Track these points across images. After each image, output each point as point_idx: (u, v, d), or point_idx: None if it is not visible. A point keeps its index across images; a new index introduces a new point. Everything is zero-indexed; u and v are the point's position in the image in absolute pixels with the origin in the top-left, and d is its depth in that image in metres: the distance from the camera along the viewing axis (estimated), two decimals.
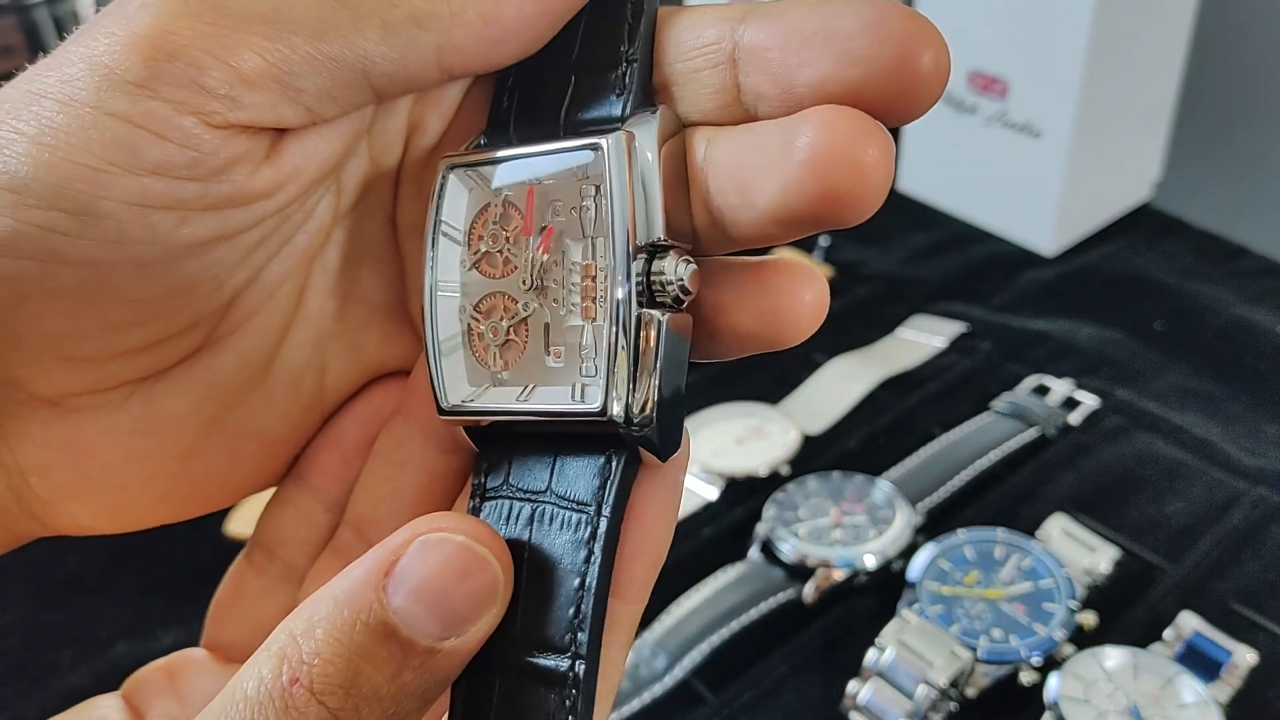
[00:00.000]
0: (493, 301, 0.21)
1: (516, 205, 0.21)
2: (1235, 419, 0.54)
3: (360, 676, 0.18)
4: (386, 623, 0.18)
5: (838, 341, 0.60)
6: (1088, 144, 0.64)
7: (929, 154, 0.72)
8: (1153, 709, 0.38)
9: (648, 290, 0.19)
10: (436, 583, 0.18)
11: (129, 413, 0.22)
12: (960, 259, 0.68)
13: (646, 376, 0.19)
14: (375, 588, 0.18)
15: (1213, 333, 0.60)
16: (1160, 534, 0.48)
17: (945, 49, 0.19)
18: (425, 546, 0.19)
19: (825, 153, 0.18)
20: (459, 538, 0.19)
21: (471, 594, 0.19)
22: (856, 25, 0.18)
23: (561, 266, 0.20)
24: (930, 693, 0.39)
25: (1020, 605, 0.42)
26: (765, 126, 0.19)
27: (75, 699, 0.26)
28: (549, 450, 0.21)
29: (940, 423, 0.54)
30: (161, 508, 0.24)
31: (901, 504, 0.47)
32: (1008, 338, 0.60)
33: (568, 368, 0.20)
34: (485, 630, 0.19)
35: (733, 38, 0.20)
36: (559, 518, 0.20)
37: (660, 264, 0.19)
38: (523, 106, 0.21)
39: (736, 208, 0.20)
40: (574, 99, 0.21)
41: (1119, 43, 0.62)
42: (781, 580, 0.45)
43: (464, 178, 0.21)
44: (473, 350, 0.21)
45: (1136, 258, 0.67)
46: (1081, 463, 0.52)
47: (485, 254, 0.21)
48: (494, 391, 0.21)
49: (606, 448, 0.20)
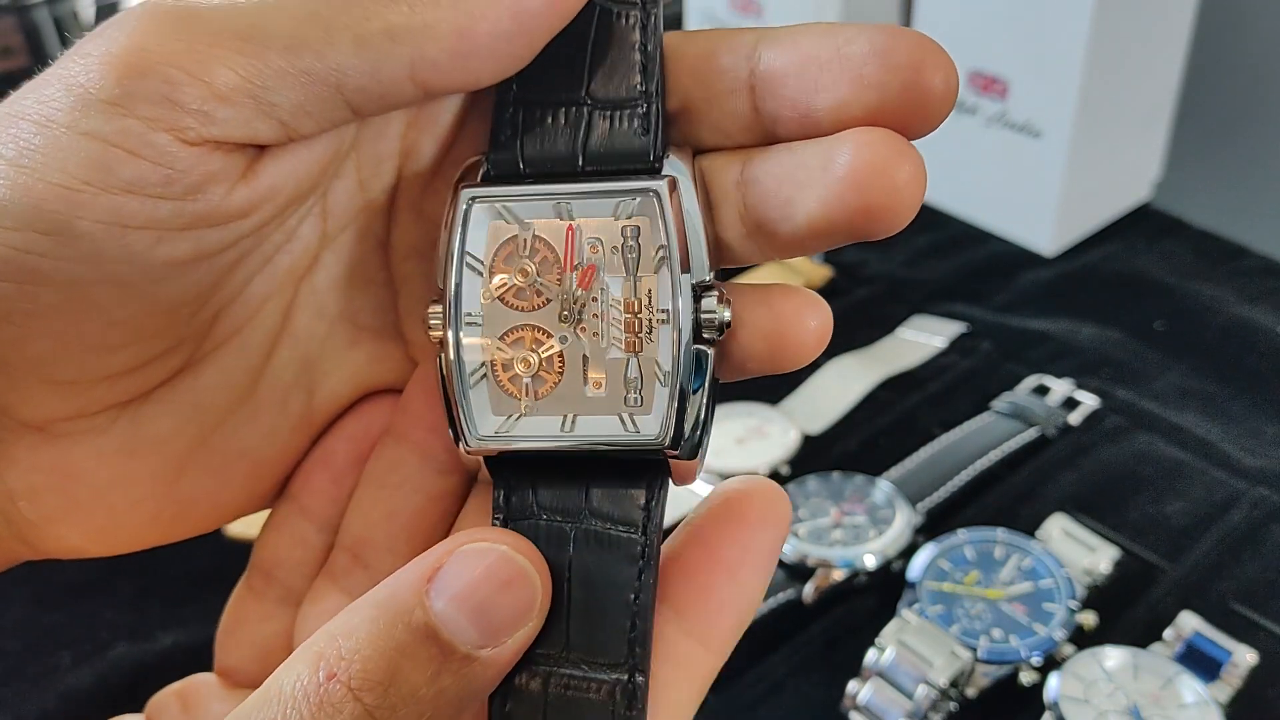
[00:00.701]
0: (520, 334, 0.21)
1: (546, 240, 0.21)
2: (1235, 419, 0.54)
3: (399, 675, 0.18)
4: (428, 625, 0.18)
5: (838, 341, 0.60)
6: (1088, 144, 0.64)
7: (929, 154, 0.71)
8: (1153, 709, 0.38)
9: (697, 325, 0.20)
10: (478, 591, 0.19)
11: (115, 435, 0.22)
12: (960, 259, 0.68)
13: (696, 406, 0.20)
14: (418, 592, 0.19)
15: (1213, 333, 0.60)
16: (1160, 534, 0.48)
17: (954, 69, 0.20)
18: (468, 555, 0.19)
19: (864, 170, 0.19)
20: (501, 548, 0.19)
21: (511, 604, 0.19)
22: (869, 51, 0.19)
23: (600, 302, 0.21)
24: (930, 693, 0.39)
25: (1020, 605, 0.42)
26: (805, 146, 0.20)
27: (75, 700, 0.26)
28: (576, 475, 0.21)
29: (940, 423, 0.54)
30: (151, 529, 0.24)
31: (901, 504, 0.47)
32: (1008, 338, 0.60)
33: (610, 398, 0.21)
34: (522, 642, 0.20)
35: (748, 65, 0.21)
36: (604, 538, 0.21)
37: (708, 302, 0.20)
38: (531, 136, 0.21)
39: (776, 221, 0.21)
40: (591, 134, 0.21)
41: (1119, 43, 0.62)
42: (781, 580, 0.45)
43: (489, 210, 0.21)
44: (498, 382, 0.22)
45: (1136, 258, 0.67)
46: (1081, 463, 0.52)
47: (512, 287, 0.21)
48: (528, 422, 0.21)
49: (644, 470, 0.21)
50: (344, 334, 0.25)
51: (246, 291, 0.23)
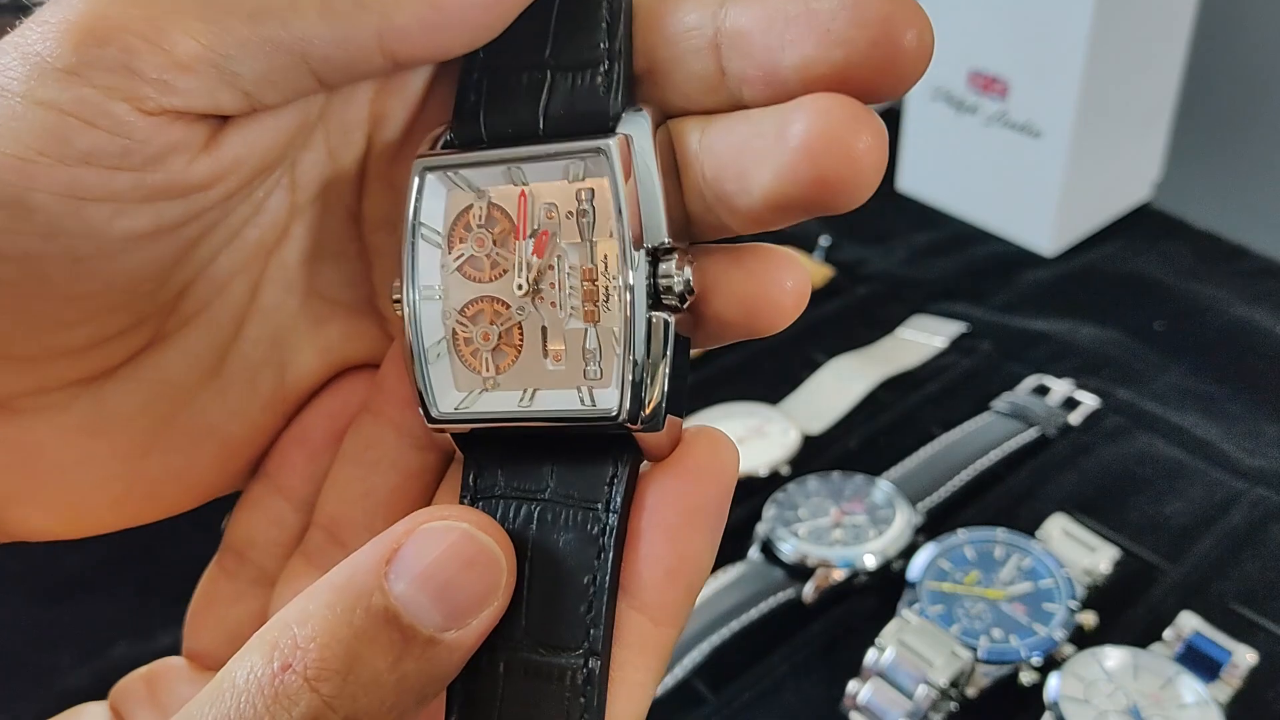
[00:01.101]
0: (479, 306, 0.21)
1: (503, 208, 0.20)
2: (1235, 419, 0.54)
3: (359, 663, 0.17)
4: (388, 609, 0.18)
5: (838, 341, 0.60)
6: (1088, 144, 0.64)
7: (929, 154, 0.72)
8: (1153, 709, 0.38)
9: (655, 293, 0.19)
10: (440, 571, 0.18)
11: (77, 413, 0.22)
12: (960, 259, 0.68)
13: (657, 378, 0.19)
14: (377, 574, 0.18)
15: (1213, 333, 0.60)
16: (1160, 534, 0.48)
17: (927, 25, 0.18)
18: (429, 534, 0.18)
19: (820, 140, 0.18)
20: (463, 525, 0.19)
21: (475, 584, 0.18)
22: (837, 5, 0.18)
23: (557, 270, 0.20)
24: (930, 693, 0.39)
25: (1020, 605, 0.42)
26: (761, 114, 0.19)
27: (74, 699, 0.26)
28: (544, 451, 0.20)
29: (940, 423, 0.54)
30: (118, 510, 0.23)
31: (901, 504, 0.47)
32: (1008, 338, 0.60)
33: (570, 371, 0.20)
34: (487, 624, 0.19)
35: (714, 22, 0.20)
36: (564, 516, 0.20)
37: (666, 267, 0.19)
38: (493, 103, 0.21)
39: (733, 195, 0.20)
40: (553, 97, 0.20)
41: (1119, 43, 0.62)
42: (782, 580, 0.45)
43: (443, 179, 0.21)
44: (460, 356, 0.21)
45: (1136, 258, 0.67)
46: (1081, 463, 0.52)
47: (469, 257, 0.21)
48: (489, 397, 0.21)
49: (609, 446, 0.20)
50: (316, 309, 0.24)
51: (212, 266, 0.22)
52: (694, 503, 0.20)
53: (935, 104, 0.69)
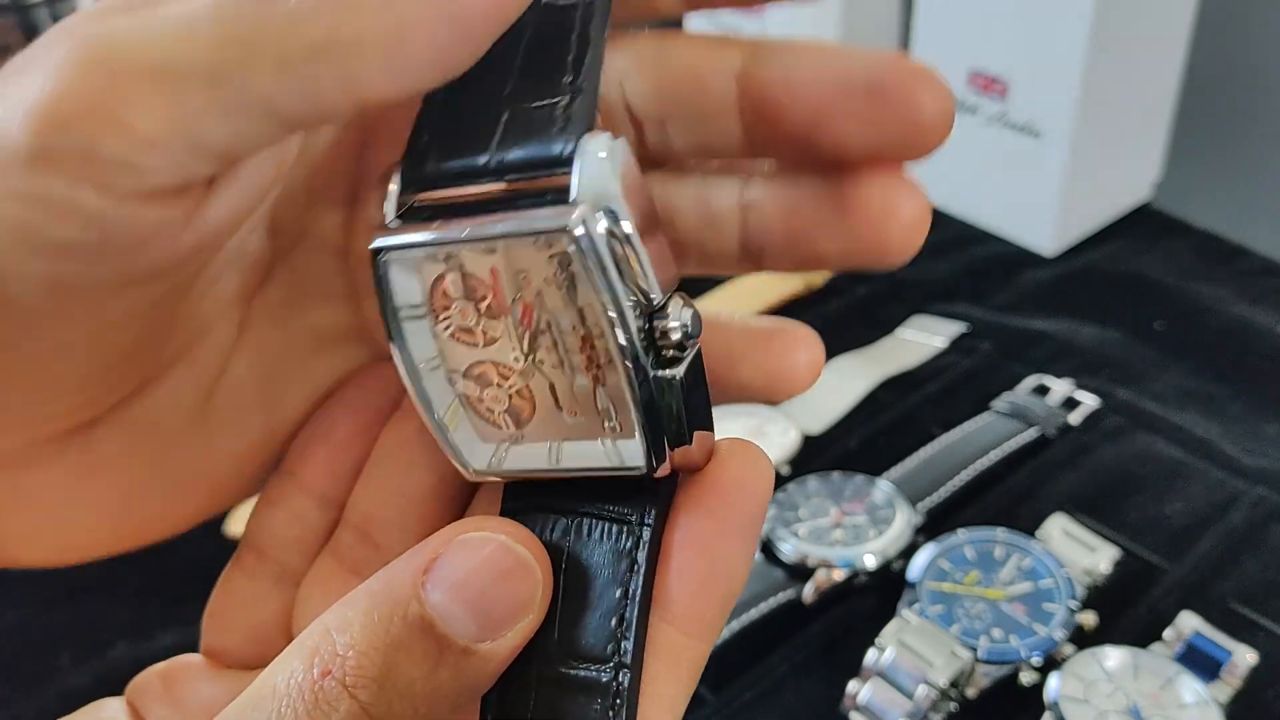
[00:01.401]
0: (483, 369, 0.20)
1: (479, 277, 0.19)
2: (1235, 419, 0.54)
3: (395, 671, 0.17)
4: (424, 618, 0.18)
5: (838, 341, 0.60)
6: (1088, 144, 0.64)
7: None
8: (1153, 709, 0.38)
9: (656, 350, 0.19)
10: (476, 582, 0.18)
11: (66, 461, 0.22)
12: (960, 259, 0.68)
13: (676, 427, 0.19)
14: (414, 584, 0.18)
15: (1213, 333, 0.60)
16: (1160, 534, 0.48)
17: (950, 100, 0.20)
18: (466, 545, 0.18)
19: (875, 214, 0.20)
20: (500, 537, 0.19)
21: (511, 596, 0.18)
22: (864, 85, 0.19)
23: (550, 334, 0.19)
24: (930, 693, 0.39)
25: (1020, 605, 0.42)
26: (811, 181, 0.21)
27: (75, 699, 0.26)
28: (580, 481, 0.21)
29: (940, 423, 0.54)
30: (106, 543, 0.23)
31: (901, 504, 0.47)
32: (1008, 338, 0.60)
33: (589, 423, 0.20)
34: (522, 636, 0.19)
35: (737, 85, 0.20)
36: (598, 529, 0.20)
37: (662, 323, 0.18)
38: (445, 144, 0.19)
39: (779, 250, 0.21)
40: (505, 135, 0.19)
41: (1119, 43, 0.62)
42: (782, 580, 0.45)
43: (404, 262, 0.19)
44: (477, 413, 0.21)
45: (1137, 258, 0.67)
46: (1082, 463, 0.52)
47: (458, 326, 0.20)
48: (517, 450, 0.21)
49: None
50: (303, 345, 0.24)
51: (195, 313, 0.22)
52: (727, 516, 0.20)
53: None
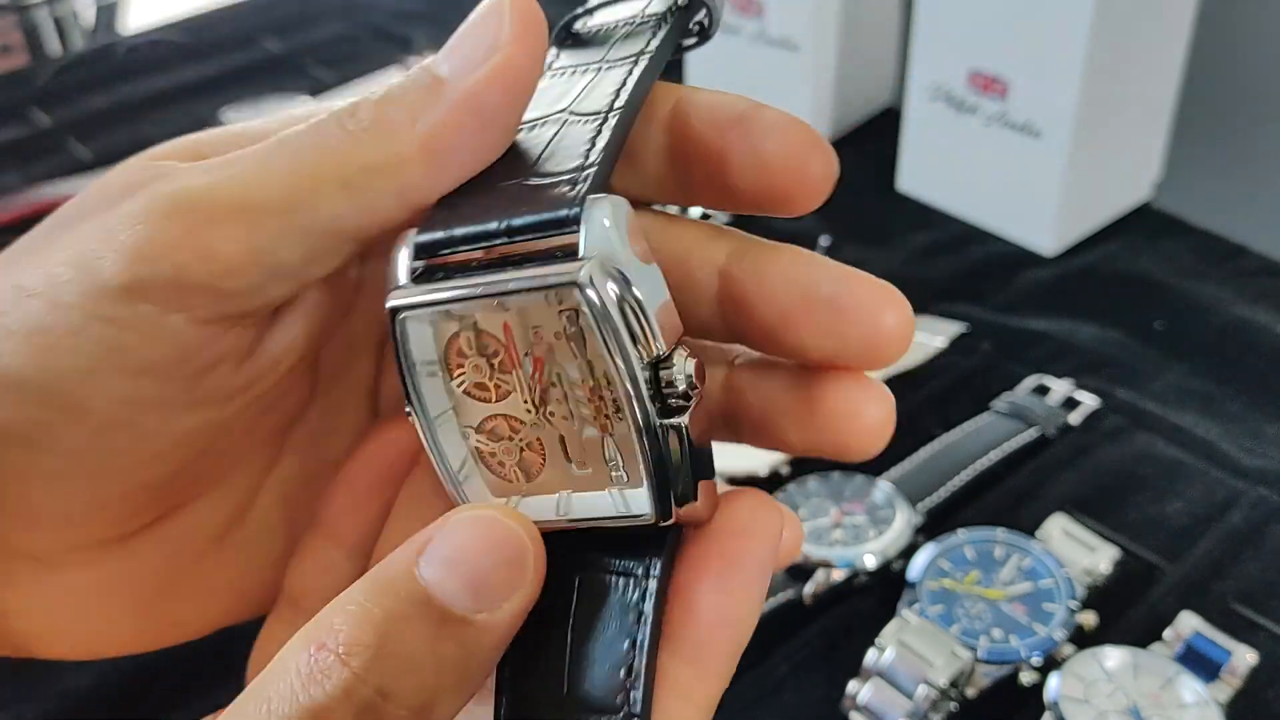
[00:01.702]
0: (495, 422, 0.21)
1: (491, 332, 0.21)
2: (1235, 419, 0.54)
3: (390, 640, 0.18)
4: (418, 591, 0.18)
5: None
6: (1088, 144, 0.64)
7: (929, 154, 0.72)
8: (1153, 709, 0.38)
9: (662, 400, 0.19)
10: (468, 555, 0.19)
11: (100, 567, 0.23)
12: (960, 259, 0.68)
13: (682, 475, 0.20)
14: (409, 564, 0.19)
15: (1213, 332, 0.60)
16: (1160, 534, 0.48)
17: (911, 315, 0.21)
18: (457, 524, 0.19)
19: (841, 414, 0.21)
20: (490, 513, 0.19)
21: (503, 567, 0.19)
22: (829, 296, 0.21)
23: (560, 386, 0.20)
24: (930, 693, 0.39)
25: (1020, 605, 0.42)
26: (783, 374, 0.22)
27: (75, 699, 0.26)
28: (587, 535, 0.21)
29: (940, 423, 0.54)
30: (128, 644, 0.25)
31: (901, 504, 0.47)
32: (1008, 338, 0.60)
33: (596, 474, 0.21)
34: (518, 607, 0.19)
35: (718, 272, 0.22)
36: (605, 583, 0.20)
37: (668, 374, 0.19)
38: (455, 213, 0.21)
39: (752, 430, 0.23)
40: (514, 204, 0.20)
41: (1119, 43, 0.62)
42: (781, 580, 0.45)
43: (421, 319, 0.21)
44: (488, 468, 0.21)
45: (1136, 257, 0.67)
46: (1081, 463, 0.52)
47: (472, 381, 0.21)
48: (528, 502, 0.21)
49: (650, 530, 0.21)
50: (328, 475, 0.25)
51: (235, 445, 0.24)
52: (742, 559, 0.21)
53: (935, 104, 0.69)
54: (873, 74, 0.80)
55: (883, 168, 0.74)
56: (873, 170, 0.75)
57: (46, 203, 0.74)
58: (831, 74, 0.76)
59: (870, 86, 0.80)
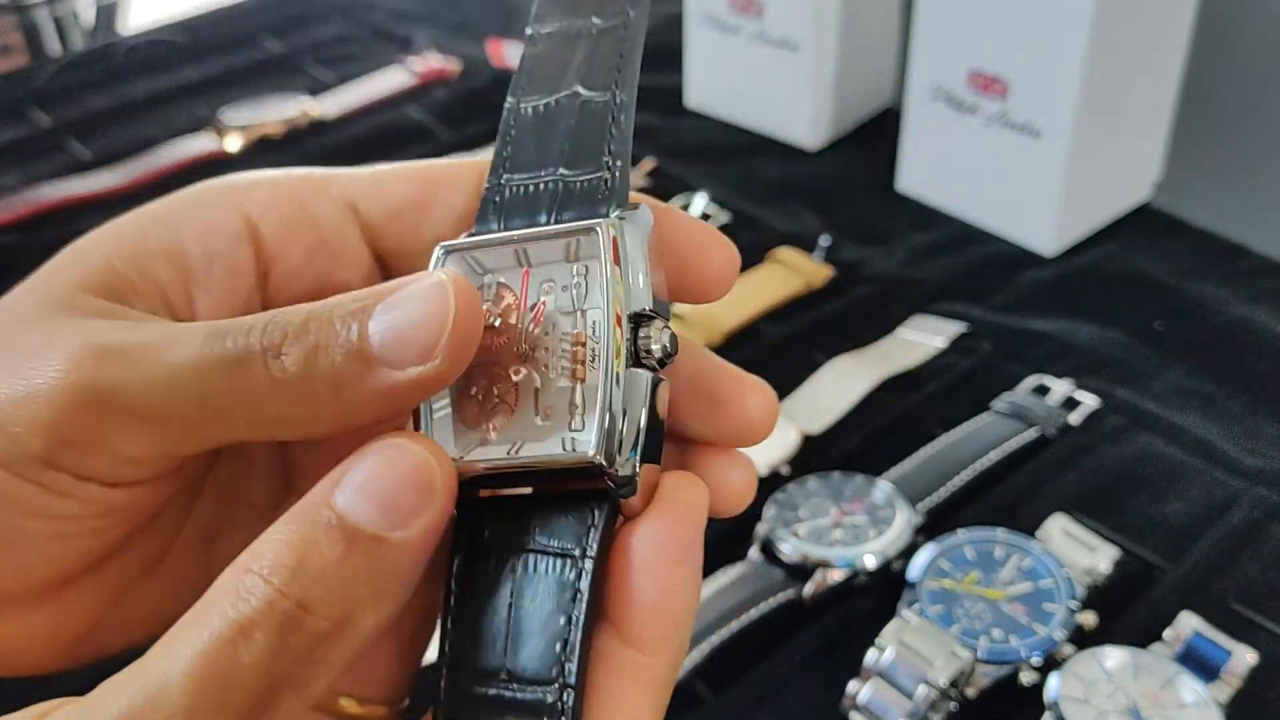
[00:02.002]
0: (482, 370, 0.23)
1: (509, 285, 0.23)
2: (1235, 419, 0.54)
3: (308, 559, 0.20)
4: (333, 515, 0.20)
5: (838, 342, 0.60)
6: (1088, 144, 0.64)
7: (929, 155, 0.72)
8: (1153, 709, 0.38)
9: (635, 352, 0.22)
10: (378, 479, 0.20)
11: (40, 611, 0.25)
12: (960, 259, 0.68)
13: (633, 426, 0.22)
14: (324, 494, 0.20)
15: (1213, 333, 0.61)
16: (1160, 534, 0.48)
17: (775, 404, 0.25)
18: (367, 453, 0.21)
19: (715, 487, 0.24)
20: (399, 440, 0.21)
21: (412, 487, 0.20)
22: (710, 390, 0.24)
23: (552, 336, 0.23)
24: (930, 693, 0.39)
25: (1020, 605, 0.42)
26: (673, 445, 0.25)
27: None
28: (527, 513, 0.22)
29: (940, 423, 0.54)
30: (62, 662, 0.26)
31: (901, 504, 0.47)
32: (1008, 338, 0.60)
33: (556, 425, 0.22)
34: (429, 524, 0.21)
35: None
36: (543, 564, 0.22)
37: (646, 331, 0.22)
38: (510, 207, 0.24)
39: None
40: (563, 199, 0.24)
41: (1119, 43, 0.62)
42: (781, 580, 0.45)
43: (459, 260, 0.23)
44: (462, 416, 0.23)
45: (1136, 258, 0.67)
46: (1081, 463, 0.52)
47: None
48: (481, 450, 0.23)
49: (588, 499, 0.22)
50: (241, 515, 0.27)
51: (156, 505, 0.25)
52: (669, 541, 0.22)
53: (935, 104, 0.69)
54: (873, 74, 0.80)
55: (883, 168, 0.74)
56: (873, 170, 0.75)
57: (46, 203, 0.74)
58: (832, 74, 0.76)
59: (870, 86, 0.80)
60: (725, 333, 0.61)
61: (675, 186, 0.74)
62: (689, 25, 0.81)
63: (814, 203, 0.73)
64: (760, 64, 0.77)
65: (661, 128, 0.81)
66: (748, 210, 0.71)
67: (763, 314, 0.63)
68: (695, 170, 0.76)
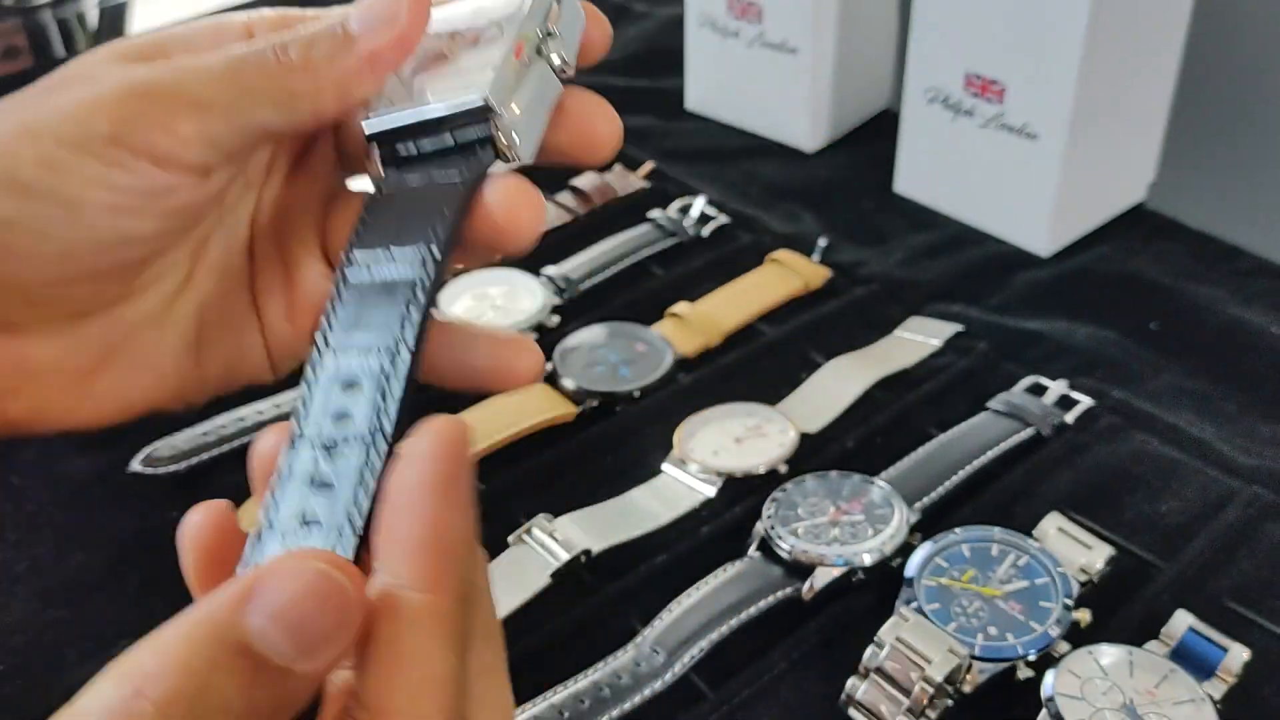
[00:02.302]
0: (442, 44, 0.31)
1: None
2: (1230, 418, 0.55)
3: (209, 690, 0.18)
4: (241, 642, 0.19)
5: (835, 342, 0.61)
6: (1083, 146, 0.64)
7: (926, 156, 0.72)
8: (1148, 706, 0.39)
9: (544, 46, 0.29)
10: (294, 608, 0.19)
11: (61, 339, 0.30)
12: (957, 260, 0.68)
13: (525, 85, 0.29)
14: (233, 610, 0.19)
15: (1208, 333, 0.61)
16: (1155, 532, 0.48)
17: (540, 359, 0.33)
18: (285, 573, 0.20)
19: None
20: (319, 565, 0.20)
21: (328, 619, 0.19)
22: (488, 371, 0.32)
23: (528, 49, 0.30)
24: (927, 689, 0.39)
25: (1016, 603, 0.43)
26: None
27: None
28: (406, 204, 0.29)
29: (937, 422, 0.54)
30: (69, 415, 0.30)
31: (898, 503, 0.48)
32: (1004, 338, 0.61)
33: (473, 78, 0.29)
34: (337, 653, 0.20)
35: None
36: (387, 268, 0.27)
37: (555, 41, 0.29)
38: None
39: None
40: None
41: (1115, 45, 0.62)
42: (780, 578, 0.46)
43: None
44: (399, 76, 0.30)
45: (1132, 258, 0.67)
46: (1077, 462, 0.52)
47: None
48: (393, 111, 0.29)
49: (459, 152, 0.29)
50: (235, 303, 0.33)
51: (165, 259, 0.31)
52: (431, 478, 0.22)
53: (932, 107, 0.69)
54: (870, 77, 0.81)
55: (880, 170, 0.75)
56: (870, 172, 0.76)
57: None
58: (829, 77, 0.76)
59: (868, 89, 0.81)
60: (724, 333, 0.61)
61: (675, 188, 0.74)
62: (689, 29, 0.81)
63: (812, 204, 0.73)
64: (759, 67, 0.78)
65: (661, 130, 0.81)
66: (746, 212, 0.71)
67: (761, 314, 0.63)
68: (694, 172, 0.76)
